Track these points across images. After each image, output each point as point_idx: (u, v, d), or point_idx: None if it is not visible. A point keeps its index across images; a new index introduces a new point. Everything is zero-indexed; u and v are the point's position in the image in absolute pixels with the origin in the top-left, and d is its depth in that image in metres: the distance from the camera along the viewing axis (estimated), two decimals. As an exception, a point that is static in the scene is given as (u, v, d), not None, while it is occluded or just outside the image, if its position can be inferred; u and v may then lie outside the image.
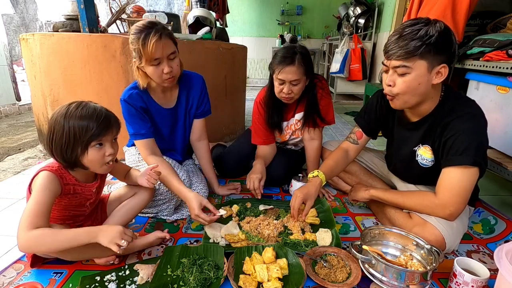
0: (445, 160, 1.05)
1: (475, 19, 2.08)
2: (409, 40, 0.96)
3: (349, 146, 1.43)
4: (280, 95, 1.47)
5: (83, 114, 0.93)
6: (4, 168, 2.03)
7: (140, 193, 1.21)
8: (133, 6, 2.67)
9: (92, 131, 0.92)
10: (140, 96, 1.33)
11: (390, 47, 1.01)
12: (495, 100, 1.50)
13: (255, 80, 7.13)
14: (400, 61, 0.99)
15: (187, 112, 1.49)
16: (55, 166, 0.97)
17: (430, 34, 0.95)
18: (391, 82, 1.05)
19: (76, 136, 0.91)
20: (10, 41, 5.26)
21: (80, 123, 0.92)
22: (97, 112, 0.95)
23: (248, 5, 6.67)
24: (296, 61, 1.37)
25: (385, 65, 1.06)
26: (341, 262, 1.06)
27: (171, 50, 1.22)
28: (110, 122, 0.98)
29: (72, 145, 0.92)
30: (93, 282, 0.96)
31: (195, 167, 1.63)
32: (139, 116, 1.32)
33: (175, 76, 1.29)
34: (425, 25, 0.96)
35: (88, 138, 0.92)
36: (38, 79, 2.11)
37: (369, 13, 4.71)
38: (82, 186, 1.03)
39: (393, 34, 1.02)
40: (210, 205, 1.21)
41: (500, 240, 1.25)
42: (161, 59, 1.21)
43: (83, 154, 0.94)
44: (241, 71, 2.80)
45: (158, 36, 1.16)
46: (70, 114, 0.92)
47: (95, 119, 0.93)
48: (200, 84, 1.50)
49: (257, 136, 1.67)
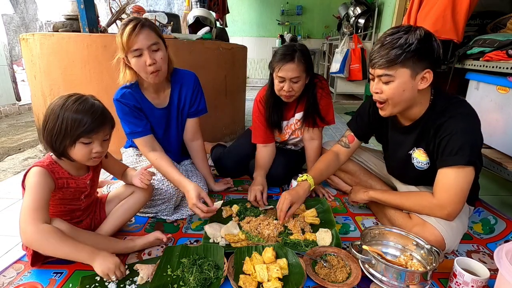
0: (440, 161, 1.06)
1: (475, 19, 2.08)
2: (390, 49, 0.99)
3: (340, 150, 1.44)
4: (280, 93, 1.46)
5: (79, 108, 0.93)
6: (4, 168, 2.03)
7: (137, 192, 1.21)
8: (133, 6, 2.68)
9: (84, 127, 0.93)
10: (132, 95, 1.32)
11: (373, 56, 1.04)
12: (495, 100, 1.50)
13: (255, 80, 7.13)
14: (383, 70, 1.02)
15: (179, 111, 1.48)
16: (46, 161, 0.99)
17: (409, 42, 0.97)
18: (378, 90, 1.08)
19: (68, 128, 0.92)
20: (10, 41, 5.26)
21: (74, 117, 0.92)
22: (93, 109, 0.96)
23: (248, 5, 6.67)
24: (296, 58, 1.37)
25: (371, 74, 1.09)
26: (341, 262, 1.06)
27: (152, 41, 1.21)
28: (104, 121, 0.98)
29: (62, 136, 0.93)
30: (93, 282, 0.96)
31: (193, 166, 1.63)
32: (134, 114, 1.32)
33: (161, 70, 1.27)
34: (405, 33, 0.98)
35: (78, 133, 0.93)
36: (38, 79, 2.11)
37: (369, 13, 4.71)
38: (75, 179, 1.04)
39: (377, 43, 1.04)
40: (208, 198, 1.23)
41: (500, 240, 1.25)
42: (142, 50, 1.20)
43: (71, 147, 0.95)
44: (241, 71, 2.80)
45: (135, 25, 1.18)
46: (67, 106, 0.93)
47: (90, 115, 0.94)
48: (192, 82, 1.47)
49: (257, 135, 1.66)
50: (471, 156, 1.00)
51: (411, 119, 1.15)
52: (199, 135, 1.57)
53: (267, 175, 1.59)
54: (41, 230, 0.87)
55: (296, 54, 1.38)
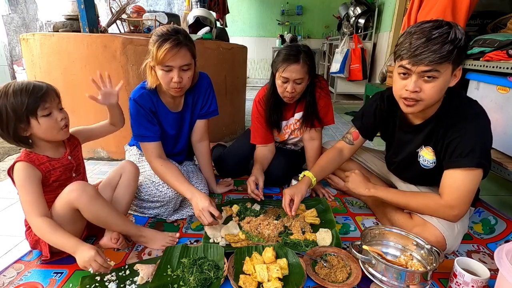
0: (449, 161, 1.04)
1: (475, 19, 2.08)
2: (442, 43, 0.91)
3: (344, 146, 1.42)
4: (283, 94, 1.46)
5: (13, 90, 0.95)
6: (4, 168, 2.03)
7: (125, 172, 1.25)
8: (133, 6, 2.68)
9: (25, 103, 0.94)
10: (150, 96, 1.32)
11: (419, 51, 0.93)
12: (495, 100, 1.50)
13: (255, 80, 7.13)
14: (432, 66, 0.93)
15: (192, 114, 1.48)
16: (22, 155, 1.02)
17: (459, 38, 0.91)
18: (417, 88, 0.98)
19: (14, 112, 0.94)
20: (10, 41, 5.27)
21: (12, 100, 0.94)
22: (25, 86, 0.97)
23: (248, 5, 6.67)
24: (301, 59, 1.37)
25: (405, 68, 0.98)
26: (341, 262, 1.06)
27: (185, 62, 1.21)
28: (42, 91, 0.98)
29: (14, 122, 0.95)
30: (93, 282, 0.96)
31: (195, 167, 1.63)
32: (147, 117, 1.31)
33: (184, 88, 1.28)
34: (449, 28, 0.92)
35: (24, 111, 0.95)
36: (38, 79, 2.09)
37: (369, 13, 4.71)
38: (56, 160, 1.06)
39: (415, 36, 0.94)
40: (217, 211, 1.18)
41: (500, 240, 1.25)
42: (173, 67, 1.20)
43: (29, 126, 0.97)
44: (241, 71, 2.80)
45: (174, 44, 1.16)
46: (1, 94, 0.95)
47: (25, 93, 0.95)
48: (205, 84, 1.47)
49: (256, 135, 1.66)
50: (481, 159, 0.99)
51: (424, 117, 1.12)
52: (207, 137, 1.57)
53: (267, 176, 1.59)
54: (39, 223, 0.95)
55: (301, 55, 1.37)
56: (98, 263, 0.90)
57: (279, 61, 1.40)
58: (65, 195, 1.00)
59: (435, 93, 0.98)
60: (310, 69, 1.41)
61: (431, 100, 1.00)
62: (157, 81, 1.28)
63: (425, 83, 0.97)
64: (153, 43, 1.19)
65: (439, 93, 0.99)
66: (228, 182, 1.70)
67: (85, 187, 1.01)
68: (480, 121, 1.02)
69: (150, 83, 1.29)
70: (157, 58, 1.17)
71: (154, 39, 1.19)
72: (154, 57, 1.19)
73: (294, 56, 1.37)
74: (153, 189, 1.32)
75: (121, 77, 1.93)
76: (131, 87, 1.94)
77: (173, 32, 1.19)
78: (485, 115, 1.03)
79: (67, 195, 1.00)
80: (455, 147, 1.02)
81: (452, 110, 1.06)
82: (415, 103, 1.02)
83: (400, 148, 1.27)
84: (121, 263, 1.07)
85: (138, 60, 1.93)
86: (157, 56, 1.17)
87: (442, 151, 1.08)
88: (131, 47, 1.91)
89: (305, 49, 1.41)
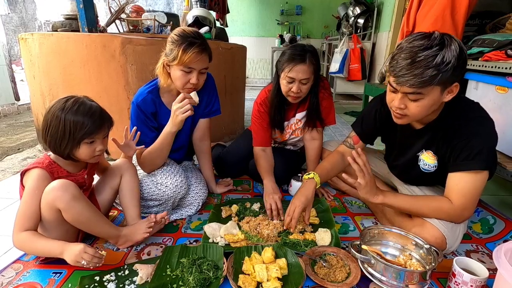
0: (456, 165, 1.03)
1: (474, 19, 2.08)
2: (424, 68, 0.88)
3: (345, 150, 1.41)
4: (288, 94, 1.44)
5: (79, 111, 0.97)
6: (3, 168, 2.03)
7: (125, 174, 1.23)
8: (132, 6, 2.67)
9: (86, 128, 0.97)
10: (153, 101, 1.33)
11: (402, 72, 0.92)
12: (494, 100, 1.50)
13: (255, 80, 7.13)
14: (413, 89, 0.92)
15: (195, 112, 1.46)
16: (45, 162, 1.01)
17: (446, 62, 0.88)
18: (402, 105, 0.99)
19: (71, 131, 0.96)
20: (9, 40, 5.25)
21: (75, 119, 0.95)
22: (92, 111, 0.99)
23: (248, 5, 6.67)
24: (307, 59, 1.36)
25: (392, 86, 0.99)
26: (341, 262, 1.06)
27: (205, 66, 1.28)
28: (103, 121, 1.02)
29: (67, 140, 0.96)
30: (92, 282, 0.96)
31: (194, 167, 1.63)
32: (147, 123, 1.32)
33: (197, 88, 1.31)
34: (439, 49, 0.88)
35: (81, 135, 0.97)
36: (37, 79, 2.11)
37: (369, 13, 4.71)
38: (73, 176, 1.06)
39: (403, 56, 0.92)
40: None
41: (499, 240, 1.26)
42: (194, 70, 1.24)
43: (75, 148, 0.99)
44: (241, 71, 2.80)
45: (201, 48, 1.22)
46: (67, 109, 0.96)
47: (90, 117, 0.97)
48: (208, 84, 1.48)
49: (256, 137, 1.66)
50: (488, 161, 0.99)
51: (424, 123, 1.12)
52: (208, 136, 1.57)
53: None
54: (18, 238, 0.95)
55: (307, 55, 1.36)
56: (89, 254, 0.91)
57: (285, 61, 1.39)
58: (46, 195, 0.94)
59: (421, 111, 0.98)
60: (315, 70, 1.41)
61: (417, 116, 1.01)
62: (169, 80, 1.29)
63: (410, 101, 0.97)
64: (176, 43, 1.21)
65: (426, 110, 0.99)
66: (228, 182, 1.70)
67: (68, 186, 0.95)
68: (486, 124, 1.02)
69: (163, 82, 1.31)
70: (181, 59, 1.20)
71: (179, 40, 1.21)
72: (177, 57, 1.21)
73: (300, 56, 1.36)
74: (152, 186, 1.31)
75: (120, 76, 1.92)
76: (130, 86, 1.95)
77: (197, 36, 1.25)
78: (489, 117, 1.03)
79: (48, 194, 0.94)
80: (461, 150, 1.01)
81: (454, 114, 1.05)
82: (402, 116, 1.03)
83: (401, 152, 1.27)
84: (120, 263, 1.07)
85: (137, 60, 1.93)
86: (182, 58, 1.20)
87: (446, 154, 1.07)
88: (130, 46, 1.91)
89: (310, 49, 1.40)
